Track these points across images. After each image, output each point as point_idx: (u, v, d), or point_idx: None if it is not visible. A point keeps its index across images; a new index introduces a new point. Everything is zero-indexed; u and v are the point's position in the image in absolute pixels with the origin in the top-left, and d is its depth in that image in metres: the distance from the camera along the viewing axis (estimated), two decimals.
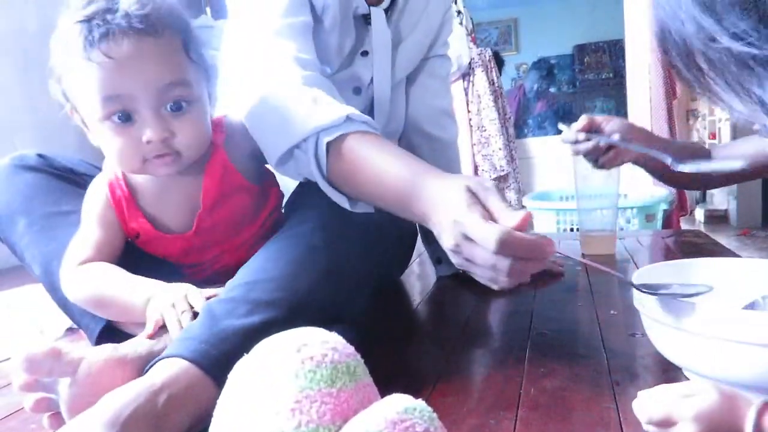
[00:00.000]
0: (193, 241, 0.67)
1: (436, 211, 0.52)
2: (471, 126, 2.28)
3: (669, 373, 0.56)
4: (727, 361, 0.48)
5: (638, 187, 1.76)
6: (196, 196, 0.65)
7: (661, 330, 0.54)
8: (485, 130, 2.29)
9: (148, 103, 0.57)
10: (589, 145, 0.90)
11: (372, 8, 0.79)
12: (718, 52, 0.38)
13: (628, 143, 0.86)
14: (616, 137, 0.87)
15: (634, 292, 0.57)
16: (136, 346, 0.54)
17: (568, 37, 4.92)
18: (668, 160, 0.78)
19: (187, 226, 0.66)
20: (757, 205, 3.15)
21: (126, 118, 0.57)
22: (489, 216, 0.49)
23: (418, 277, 1.08)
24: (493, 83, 2.38)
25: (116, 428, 0.39)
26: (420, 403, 0.27)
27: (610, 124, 0.89)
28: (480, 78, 2.26)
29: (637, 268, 0.68)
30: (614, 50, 4.80)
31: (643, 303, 0.56)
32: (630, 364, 0.60)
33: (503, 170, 2.32)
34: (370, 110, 0.87)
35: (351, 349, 0.33)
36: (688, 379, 0.55)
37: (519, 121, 4.63)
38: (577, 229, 1.70)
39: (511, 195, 2.36)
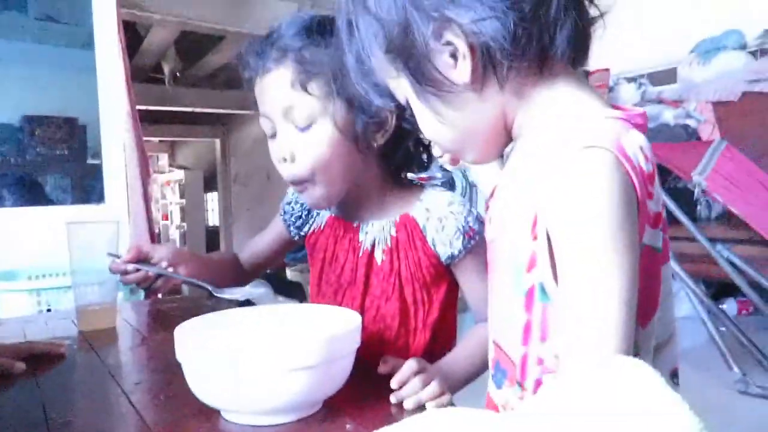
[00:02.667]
0: None
1: None
2: None
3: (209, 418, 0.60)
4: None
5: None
6: None
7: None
8: None
9: None
10: (140, 275, 0.88)
11: None
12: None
13: (176, 272, 0.88)
14: (163, 265, 0.88)
15: (176, 346, 0.58)
16: None
17: (17, 105, 4.44)
18: (209, 288, 0.86)
19: None
20: None
21: None
22: None
23: None
24: None
25: None
26: None
27: (158, 253, 0.89)
28: None
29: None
30: (69, 127, 4.65)
31: (184, 353, 0.58)
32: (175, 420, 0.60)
33: None
34: None
35: None
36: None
37: None
38: (49, 310, 1.54)
39: None
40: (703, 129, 3.33)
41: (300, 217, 0.91)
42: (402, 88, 0.54)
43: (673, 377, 0.55)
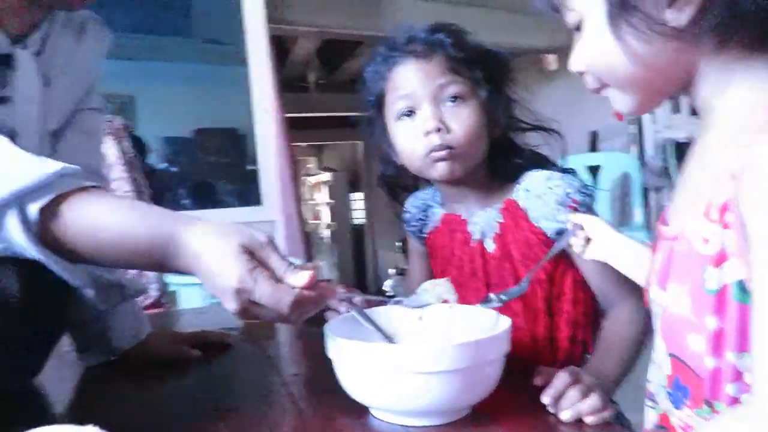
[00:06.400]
0: None
1: (209, 273, 0.50)
2: None
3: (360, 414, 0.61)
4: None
5: None
6: None
7: (352, 374, 0.59)
8: None
9: None
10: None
11: (18, 51, 0.65)
12: None
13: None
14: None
15: (328, 341, 0.60)
16: None
17: (188, 120, 5.03)
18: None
19: None
20: None
21: None
22: (272, 275, 0.50)
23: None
24: (125, 153, 2.22)
25: None
26: None
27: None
28: (109, 147, 2.08)
29: None
30: (231, 138, 5.17)
31: (335, 349, 0.59)
32: (330, 413, 0.62)
33: None
34: None
35: None
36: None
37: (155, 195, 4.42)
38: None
39: None
40: None
41: (420, 219, 0.93)
42: (588, 7, 0.48)
43: None
